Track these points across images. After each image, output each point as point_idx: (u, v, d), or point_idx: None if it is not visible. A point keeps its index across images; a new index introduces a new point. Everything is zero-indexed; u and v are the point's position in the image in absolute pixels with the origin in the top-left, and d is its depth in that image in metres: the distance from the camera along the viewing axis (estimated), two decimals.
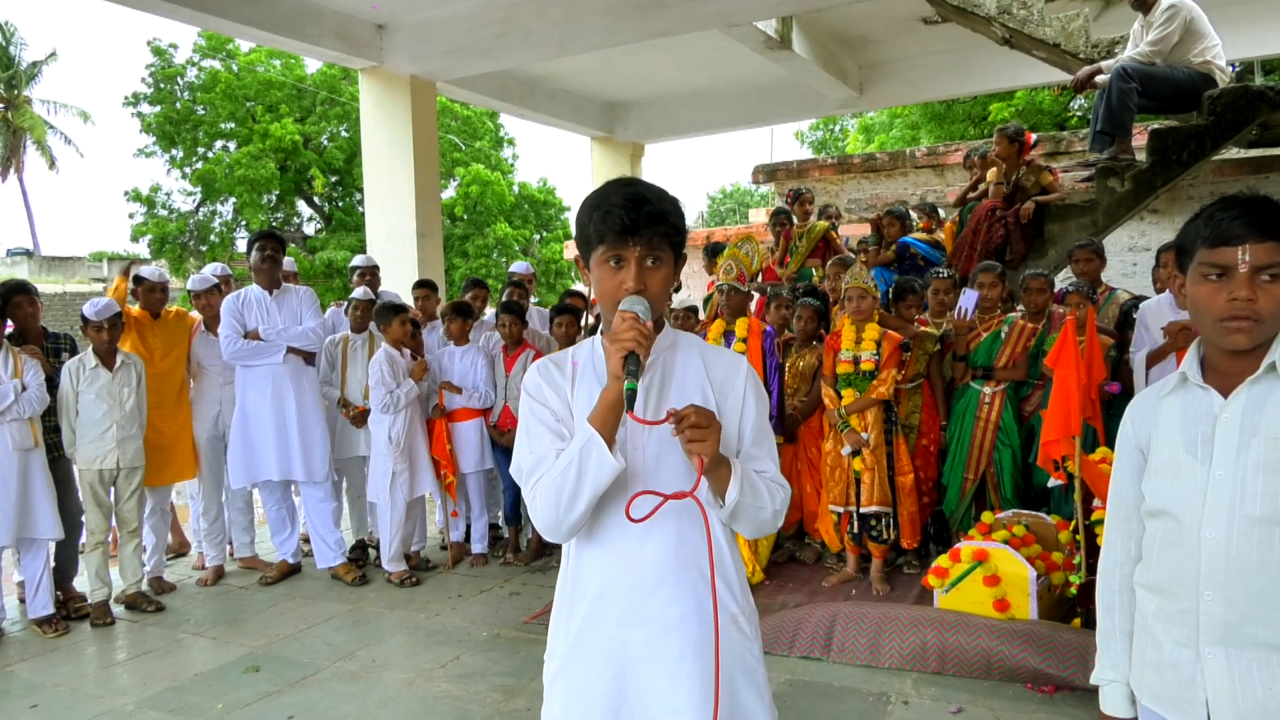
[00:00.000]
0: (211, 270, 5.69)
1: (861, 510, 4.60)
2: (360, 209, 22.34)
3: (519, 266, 7.04)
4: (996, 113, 14.79)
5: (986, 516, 4.39)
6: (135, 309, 5.20)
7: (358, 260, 6.24)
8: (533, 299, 6.78)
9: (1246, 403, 1.47)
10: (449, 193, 23.31)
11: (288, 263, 5.80)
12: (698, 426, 1.47)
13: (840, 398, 4.67)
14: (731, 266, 4.81)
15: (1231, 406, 1.48)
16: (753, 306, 5.41)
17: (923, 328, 4.98)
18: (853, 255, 6.09)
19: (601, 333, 1.71)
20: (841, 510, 4.70)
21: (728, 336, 4.84)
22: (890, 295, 5.12)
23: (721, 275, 4.83)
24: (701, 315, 6.16)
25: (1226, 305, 1.45)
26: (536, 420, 1.62)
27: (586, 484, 1.50)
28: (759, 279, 6.49)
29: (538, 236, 25.12)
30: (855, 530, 4.68)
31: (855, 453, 4.60)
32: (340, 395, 5.45)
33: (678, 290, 7.36)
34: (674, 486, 1.54)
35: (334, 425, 5.48)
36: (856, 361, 4.62)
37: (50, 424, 4.71)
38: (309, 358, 5.28)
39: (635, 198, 1.55)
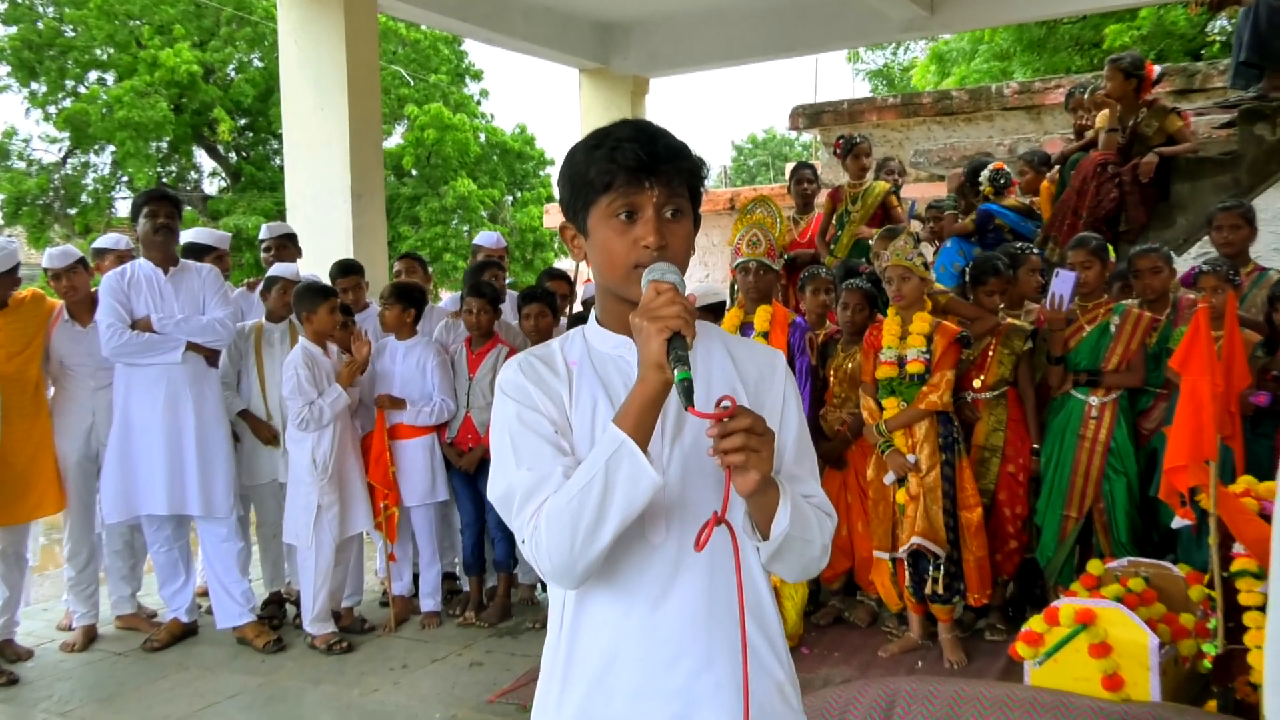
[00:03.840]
0: (109, 241, 5.70)
1: (904, 549, 4.62)
2: (277, 161, 22.35)
3: (487, 238, 7.06)
4: (1113, 38, 14.78)
5: (1094, 566, 4.38)
6: None
7: (265, 230, 6.25)
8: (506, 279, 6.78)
9: None
10: (395, 140, 23.35)
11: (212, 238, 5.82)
12: (752, 432, 1.46)
13: (881, 409, 4.69)
14: (759, 238, 4.79)
15: None
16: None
17: (1010, 319, 4.99)
18: (902, 227, 6.07)
19: (599, 318, 1.72)
20: (886, 556, 4.72)
21: (745, 330, 4.85)
22: (967, 277, 5.13)
23: (745, 249, 4.81)
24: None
25: None
26: (527, 430, 1.62)
27: (614, 506, 1.49)
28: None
29: (510, 198, 25.14)
30: (913, 582, 4.69)
31: (900, 480, 4.62)
32: (262, 405, 5.47)
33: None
34: (706, 514, 1.55)
35: (244, 444, 5.51)
36: (901, 362, 4.64)
37: None
38: (213, 357, 5.30)
39: (646, 129, 1.60)
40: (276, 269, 5.70)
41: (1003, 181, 6.56)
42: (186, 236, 6.06)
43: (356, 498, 5.31)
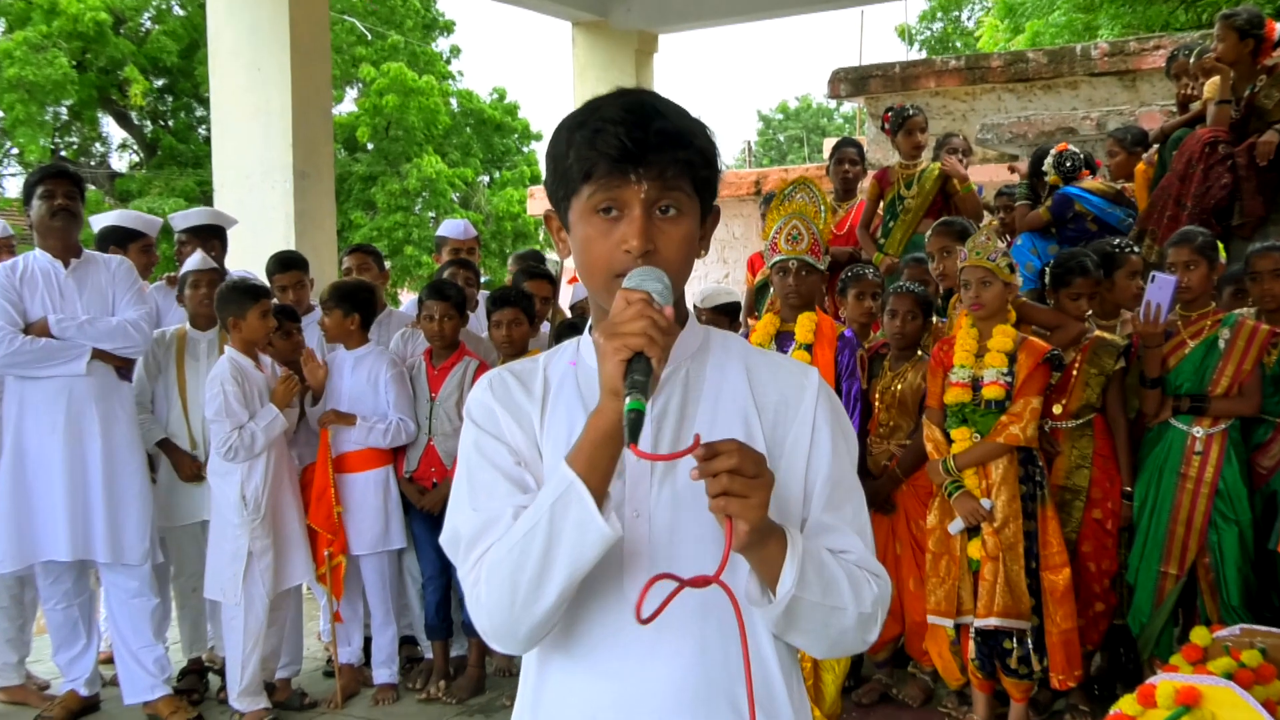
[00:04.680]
0: None
1: (979, 624, 4.61)
2: (203, 132, 22.40)
3: (454, 228, 7.05)
4: None
5: (1198, 635, 4.37)
6: None
7: (180, 219, 6.22)
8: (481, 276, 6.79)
9: None
10: (346, 106, 23.40)
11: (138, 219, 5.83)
12: (739, 474, 1.46)
13: (950, 442, 4.69)
14: (800, 231, 4.76)
15: None
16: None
17: (1100, 332, 5.00)
18: (966, 222, 6.03)
19: (591, 327, 1.74)
20: (950, 622, 4.71)
21: (782, 341, 4.85)
22: (1046, 279, 5.14)
23: (785, 244, 4.79)
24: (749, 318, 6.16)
25: None
26: (485, 461, 1.67)
27: (560, 560, 1.52)
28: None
29: (486, 179, 25.18)
30: (980, 655, 4.67)
31: (972, 531, 4.61)
32: (184, 430, 5.48)
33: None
34: (697, 571, 1.54)
35: (161, 476, 5.51)
36: (976, 384, 4.65)
37: None
38: (125, 368, 5.31)
39: (639, 108, 1.60)
40: (190, 262, 5.64)
41: (1070, 165, 6.55)
42: (107, 219, 6.07)
43: (294, 544, 5.30)
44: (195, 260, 5.64)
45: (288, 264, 6.17)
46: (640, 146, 1.56)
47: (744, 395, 1.68)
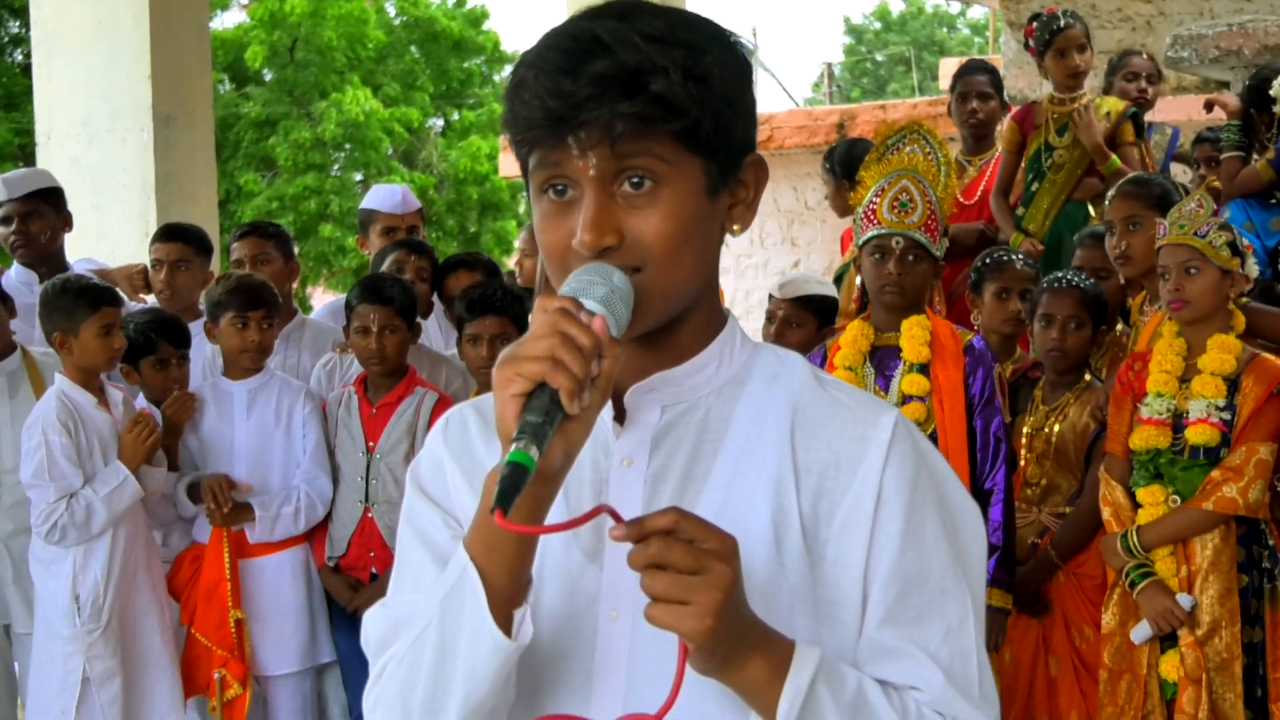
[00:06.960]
0: None
1: None
2: (19, 59, 22.51)
3: (386, 197, 7.04)
4: None
5: None
6: None
7: (17, 181, 6.26)
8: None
9: None
10: (231, 17, 23.50)
11: None
12: (657, 567, 1.46)
13: (1136, 508, 4.64)
14: (911, 196, 4.73)
15: None
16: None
17: None
18: (1166, 182, 5.96)
19: None
20: None
21: (881, 359, 4.83)
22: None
23: (887, 214, 4.76)
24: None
25: None
26: (415, 537, 1.78)
27: (456, 677, 1.57)
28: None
29: (438, 122, 25.24)
30: None
31: (1166, 640, 4.57)
32: None
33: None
34: (688, 693, 1.53)
35: None
36: (1179, 423, 4.61)
37: None
38: None
39: (577, 41, 1.58)
40: None
41: None
42: None
43: (155, 665, 5.29)
44: None
45: (174, 234, 6.27)
46: (571, 100, 1.55)
47: (782, 452, 1.69)
